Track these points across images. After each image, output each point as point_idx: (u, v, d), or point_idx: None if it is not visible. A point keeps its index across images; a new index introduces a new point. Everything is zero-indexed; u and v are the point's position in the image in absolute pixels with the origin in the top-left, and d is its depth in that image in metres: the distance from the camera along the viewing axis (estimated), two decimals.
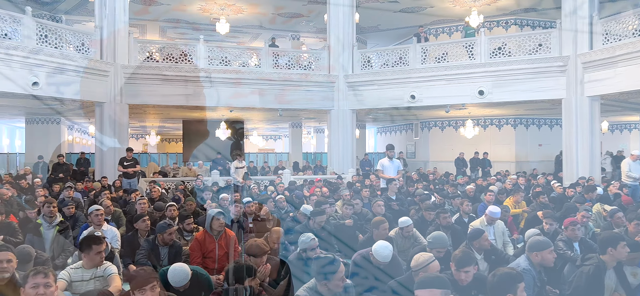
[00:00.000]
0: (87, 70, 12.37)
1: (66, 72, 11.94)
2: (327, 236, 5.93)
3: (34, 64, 11.21)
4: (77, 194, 10.01)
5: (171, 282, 3.88)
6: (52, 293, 3.05)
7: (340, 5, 14.83)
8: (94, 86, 12.69)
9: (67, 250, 5.93)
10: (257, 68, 14.53)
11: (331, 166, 15.37)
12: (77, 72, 12.15)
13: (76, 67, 12.11)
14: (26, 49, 11.03)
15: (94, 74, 12.62)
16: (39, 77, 11.31)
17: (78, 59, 12.18)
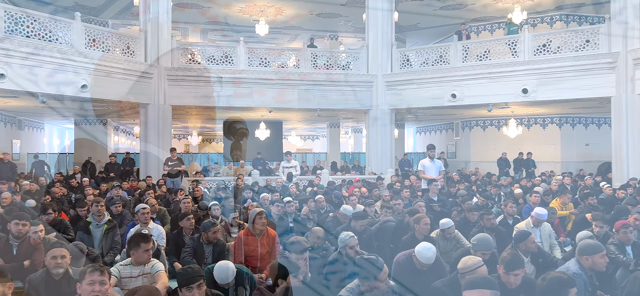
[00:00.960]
0: (132, 72, 12.79)
1: (112, 75, 12.36)
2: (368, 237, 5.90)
3: (82, 67, 11.66)
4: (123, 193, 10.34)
5: (217, 279, 3.95)
6: (106, 290, 3.17)
7: (379, 4, 14.75)
8: (139, 88, 13.09)
9: (115, 247, 6.13)
10: (296, 69, 14.63)
11: (369, 166, 15.30)
12: (122, 75, 12.57)
13: (122, 70, 12.53)
14: (76, 53, 11.48)
15: (139, 77, 13.01)
16: (88, 80, 11.75)
17: (123, 62, 12.59)
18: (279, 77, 14.32)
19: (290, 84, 14.46)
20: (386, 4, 14.82)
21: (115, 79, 12.44)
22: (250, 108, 15.22)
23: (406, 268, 4.54)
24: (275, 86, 14.36)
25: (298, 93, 14.55)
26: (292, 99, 14.58)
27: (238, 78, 14.03)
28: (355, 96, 14.95)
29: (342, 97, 14.85)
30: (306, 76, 14.45)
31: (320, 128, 25.76)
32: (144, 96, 13.26)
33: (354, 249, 4.73)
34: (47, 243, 4.99)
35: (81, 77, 11.63)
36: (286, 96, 14.52)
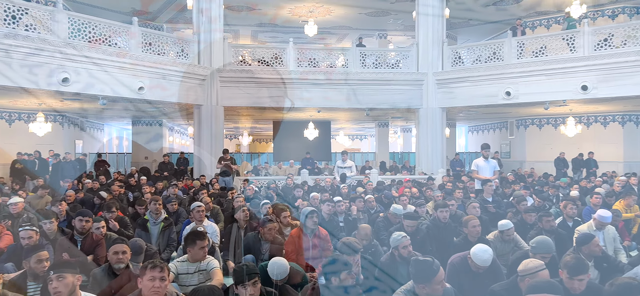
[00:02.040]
0: (186, 74, 13.18)
1: (168, 77, 12.78)
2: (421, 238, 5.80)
3: (139, 70, 12.12)
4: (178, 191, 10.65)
5: (271, 275, 3.99)
6: (165, 286, 3.26)
7: (430, 1, 14.49)
8: (193, 90, 13.48)
9: (171, 244, 6.32)
10: (345, 68, 14.61)
11: (420, 166, 15.07)
12: (177, 77, 12.97)
13: (176, 72, 12.94)
14: (133, 57, 11.96)
15: (193, 79, 13.39)
16: (144, 82, 12.21)
17: (178, 64, 12.99)
18: (327, 77, 14.35)
19: (339, 84, 14.46)
20: (437, 1, 14.54)
21: (170, 81, 12.85)
22: (299, 108, 15.33)
23: (461, 271, 4.42)
24: (324, 86, 14.40)
25: (346, 93, 14.53)
26: (340, 99, 14.59)
27: (287, 78, 14.17)
28: (405, 94, 14.78)
29: (391, 96, 14.71)
30: (355, 76, 14.41)
31: (368, 128, 25.62)
32: (198, 97, 13.64)
33: (407, 249, 4.66)
34: (109, 239, 5.21)
35: (138, 79, 12.10)
36: (335, 95, 14.54)
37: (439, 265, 3.44)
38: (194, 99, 13.61)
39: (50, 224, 5.70)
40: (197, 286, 3.35)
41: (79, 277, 3.27)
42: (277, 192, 10.82)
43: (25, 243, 4.91)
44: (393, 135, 25.84)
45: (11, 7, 10.10)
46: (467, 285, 4.30)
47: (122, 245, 4.21)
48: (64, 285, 3.15)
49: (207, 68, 13.69)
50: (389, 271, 4.66)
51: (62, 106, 14.69)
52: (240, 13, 16.92)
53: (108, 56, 11.46)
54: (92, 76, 11.25)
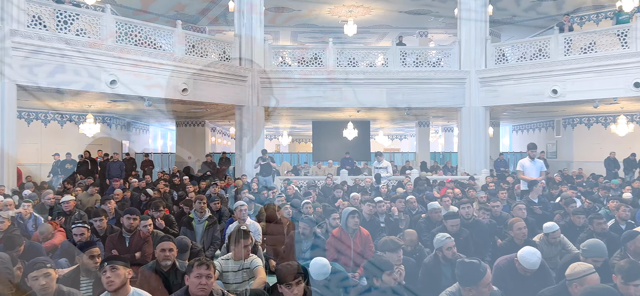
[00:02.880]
0: (228, 76, 13.42)
1: (210, 78, 13.05)
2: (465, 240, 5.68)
3: (183, 71, 12.42)
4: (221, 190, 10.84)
5: (313, 275, 4.00)
6: (211, 283, 3.33)
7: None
8: (234, 91, 13.71)
9: (215, 242, 6.43)
10: (384, 68, 14.51)
11: (462, 166, 14.78)
12: (219, 78, 13.23)
13: (219, 73, 13.20)
14: (177, 59, 12.27)
15: (234, 80, 13.62)
16: (188, 84, 12.51)
17: (220, 66, 13.24)
18: (367, 77, 14.29)
19: (379, 83, 14.37)
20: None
21: (212, 83, 13.12)
22: (339, 108, 15.33)
23: (508, 274, 4.30)
24: (364, 85, 14.35)
25: (386, 92, 14.42)
26: (380, 99, 14.49)
27: (327, 79, 14.21)
28: (447, 93, 14.54)
29: (432, 95, 14.50)
30: (395, 75, 14.29)
31: (408, 127, 25.33)
32: (239, 98, 13.85)
33: (451, 251, 4.58)
34: (156, 236, 5.36)
35: (182, 81, 12.40)
36: (374, 95, 14.46)
37: (486, 267, 3.36)
38: (235, 100, 13.84)
39: (100, 222, 5.93)
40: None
41: (129, 271, 3.39)
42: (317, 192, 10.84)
43: (77, 240, 5.12)
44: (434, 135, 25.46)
45: (63, 13, 10.57)
46: (514, 288, 4.18)
47: (169, 243, 4.31)
48: (116, 276, 3.29)
49: (248, 69, 13.89)
50: (433, 273, 4.59)
51: (110, 107, 15.23)
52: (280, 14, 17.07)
53: (153, 58, 11.81)
54: (138, 78, 11.62)
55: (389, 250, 4.28)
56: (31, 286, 3.31)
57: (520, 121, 22.53)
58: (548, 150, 19.85)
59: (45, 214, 7.67)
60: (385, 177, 12.50)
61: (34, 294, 3.30)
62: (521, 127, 23.44)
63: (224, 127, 25.64)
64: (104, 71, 11.01)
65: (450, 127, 24.85)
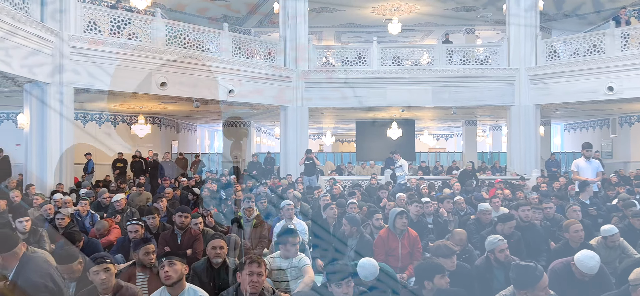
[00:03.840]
0: (272, 77, 13.59)
1: (256, 79, 13.25)
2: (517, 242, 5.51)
3: (229, 73, 12.68)
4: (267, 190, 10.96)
5: (361, 276, 3.99)
6: (263, 281, 3.39)
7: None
8: (279, 92, 13.86)
9: (263, 241, 6.51)
10: (430, 66, 14.30)
11: (511, 166, 14.36)
12: (264, 79, 13.41)
13: (264, 74, 13.38)
14: (224, 61, 12.53)
15: (279, 81, 13.78)
16: (234, 85, 12.76)
17: (265, 67, 13.42)
18: (412, 76, 14.13)
19: (424, 82, 14.17)
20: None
21: (258, 84, 13.32)
22: (383, 108, 15.22)
23: (564, 278, 4.15)
24: (408, 84, 14.19)
25: (432, 91, 14.21)
26: (425, 97, 14.29)
27: (371, 78, 14.14)
28: (495, 91, 14.16)
29: (479, 93, 14.16)
30: (441, 73, 14.06)
31: (455, 127, 24.85)
32: (284, 99, 14.00)
33: (503, 253, 4.45)
34: (206, 234, 5.48)
35: (229, 82, 12.65)
36: (419, 94, 14.27)
37: (542, 270, 3.25)
38: (280, 101, 14.00)
39: (153, 220, 6.12)
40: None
41: (186, 267, 3.49)
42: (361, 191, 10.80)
43: (132, 237, 5.31)
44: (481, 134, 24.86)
45: (116, 18, 11.00)
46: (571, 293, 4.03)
47: (220, 241, 4.40)
48: (174, 271, 3.41)
49: (293, 70, 14.01)
50: (484, 275, 4.48)
51: (161, 108, 15.71)
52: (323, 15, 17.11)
53: (201, 60, 12.10)
54: (186, 80, 11.93)
55: (443, 255, 4.19)
56: (92, 280, 3.45)
57: (573, 120, 21.67)
58: (603, 150, 19.00)
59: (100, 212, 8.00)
60: (401, 176, 12.31)
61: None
62: (574, 126, 22.54)
63: (269, 128, 25.97)
64: (155, 73, 11.38)
65: (499, 126, 24.20)
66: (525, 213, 5.99)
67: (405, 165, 12.63)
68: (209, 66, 12.29)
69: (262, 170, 16.57)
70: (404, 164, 12.53)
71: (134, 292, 3.50)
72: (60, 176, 10.16)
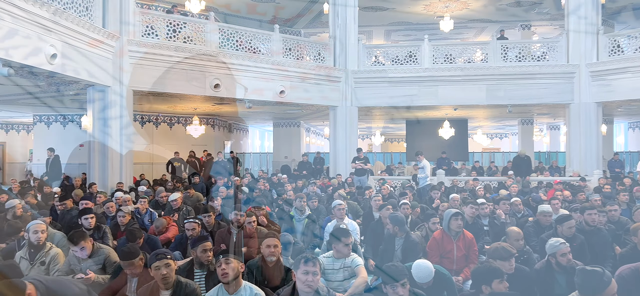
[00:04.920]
0: (322, 77, 13.65)
1: (306, 80, 13.35)
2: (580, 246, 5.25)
3: (280, 74, 12.83)
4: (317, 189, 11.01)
5: (416, 278, 3.93)
6: (317, 281, 3.39)
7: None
8: (328, 92, 13.90)
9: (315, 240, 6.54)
10: (484, 63, 13.92)
11: (571, 166, 13.75)
12: (314, 79, 13.49)
13: (314, 75, 13.47)
14: (275, 62, 12.70)
15: (328, 81, 13.82)
16: (285, 85, 12.90)
17: (315, 67, 13.50)
18: (464, 73, 13.81)
19: (478, 80, 13.82)
20: None
21: (308, 84, 13.42)
22: (434, 107, 14.96)
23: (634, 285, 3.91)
24: (461, 82, 13.88)
25: (486, 89, 13.83)
26: (479, 96, 13.94)
27: (422, 76, 13.93)
28: (553, 89, 13.62)
29: (536, 91, 13.66)
30: (495, 70, 13.66)
31: (510, 125, 24.07)
32: (333, 99, 14.02)
33: (566, 257, 4.26)
34: (260, 233, 5.56)
35: (279, 83, 12.82)
36: (473, 92, 13.93)
37: (610, 276, 3.08)
38: (329, 101, 14.03)
39: (208, 218, 6.27)
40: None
41: (242, 265, 3.56)
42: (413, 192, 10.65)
43: (189, 234, 5.47)
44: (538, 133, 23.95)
45: (172, 22, 11.37)
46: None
47: (274, 239, 4.45)
48: (231, 269, 3.51)
49: (342, 70, 14.01)
50: (545, 280, 4.30)
51: (214, 109, 16.11)
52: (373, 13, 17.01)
53: (253, 62, 12.34)
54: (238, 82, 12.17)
55: (500, 258, 4.06)
56: (153, 276, 3.58)
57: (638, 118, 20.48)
58: None
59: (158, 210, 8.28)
60: (422, 178, 11.99)
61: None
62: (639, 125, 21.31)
63: (318, 128, 26.10)
64: (209, 75, 11.69)
65: (557, 125, 23.25)
66: (592, 217, 5.69)
67: (428, 166, 12.36)
68: (260, 67, 12.51)
69: (312, 170, 16.67)
70: (426, 165, 12.25)
71: (192, 288, 3.59)
72: (120, 175, 10.61)
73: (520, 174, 13.11)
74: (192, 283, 3.67)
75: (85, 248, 4.66)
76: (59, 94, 12.07)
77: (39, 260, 4.85)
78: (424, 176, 12.07)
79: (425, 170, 12.12)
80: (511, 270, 4.05)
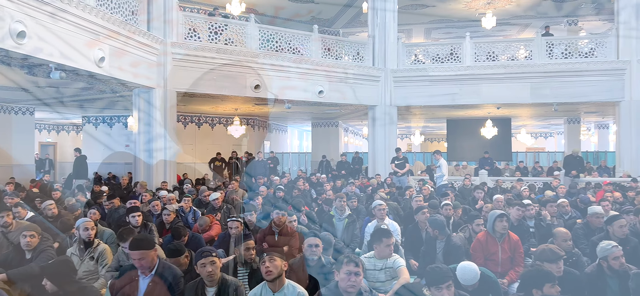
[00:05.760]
0: (361, 76, 13.61)
1: (345, 80, 13.34)
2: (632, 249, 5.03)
3: (319, 74, 12.87)
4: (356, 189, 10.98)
5: (461, 280, 3.86)
6: (360, 281, 3.38)
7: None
8: (367, 91, 13.84)
9: (354, 240, 6.53)
10: (528, 61, 13.53)
11: (621, 167, 13.19)
12: (353, 79, 13.46)
13: (352, 74, 13.44)
14: (314, 62, 12.75)
15: (367, 80, 13.76)
16: (324, 86, 12.94)
17: (354, 67, 13.47)
18: (508, 71, 13.47)
19: (522, 78, 13.45)
20: None
21: (347, 84, 13.41)
22: (476, 105, 14.66)
23: None
24: (504, 80, 13.55)
25: (531, 87, 13.44)
26: (523, 94, 13.57)
27: (463, 75, 13.68)
28: (601, 86, 13.10)
29: (583, 88, 13.17)
30: (540, 68, 13.26)
31: (555, 124, 23.30)
32: (372, 98, 13.96)
33: (618, 261, 4.09)
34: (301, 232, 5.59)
35: (318, 83, 12.86)
36: (517, 90, 13.57)
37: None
38: (368, 100, 13.97)
39: (250, 216, 6.36)
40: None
41: (285, 263, 3.59)
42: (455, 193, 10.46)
43: (232, 233, 5.55)
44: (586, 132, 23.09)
45: (214, 25, 11.59)
46: None
47: (316, 239, 4.47)
48: (274, 267, 3.55)
49: (381, 69, 13.93)
50: (597, 284, 4.14)
51: (254, 110, 16.32)
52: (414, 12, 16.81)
53: (292, 63, 12.44)
54: (278, 82, 12.30)
55: (548, 260, 3.94)
56: (199, 272, 3.65)
57: None
58: None
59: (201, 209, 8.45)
60: (439, 176, 11.67)
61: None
62: None
63: (356, 127, 26.03)
64: (249, 76, 11.85)
65: (605, 123, 22.37)
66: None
67: (444, 166, 12.06)
68: (299, 68, 12.59)
69: (350, 170, 16.63)
70: (443, 165, 11.96)
71: (237, 286, 3.65)
72: (164, 174, 10.90)
73: (573, 172, 12.76)
74: (236, 281, 3.73)
75: None
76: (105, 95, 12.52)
77: (88, 256, 5.04)
78: (441, 175, 11.87)
79: (441, 169, 11.91)
80: (560, 273, 3.92)
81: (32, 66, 8.33)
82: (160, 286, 3.72)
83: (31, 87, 11.23)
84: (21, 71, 9.03)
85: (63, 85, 10.78)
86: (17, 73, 9.33)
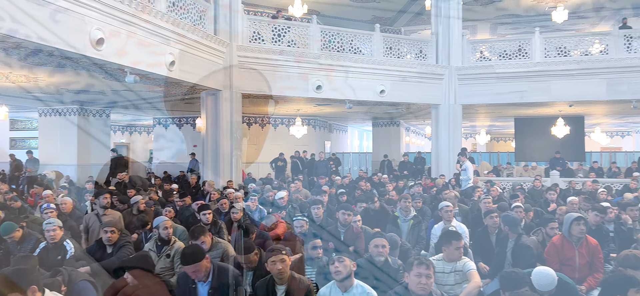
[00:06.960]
0: (424, 75, 13.38)
1: (407, 78, 13.17)
2: None
3: (380, 73, 12.79)
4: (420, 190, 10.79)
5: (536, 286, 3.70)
6: (431, 283, 3.33)
7: None
8: (430, 90, 13.58)
9: (420, 242, 6.42)
10: (603, 55, 12.77)
11: None
12: (416, 78, 13.26)
13: (415, 73, 13.25)
14: (375, 62, 12.69)
15: (430, 79, 13.51)
16: (385, 85, 12.83)
17: (416, 65, 13.26)
18: (581, 67, 12.78)
19: (596, 73, 12.72)
20: None
21: (409, 83, 13.22)
22: (546, 103, 14.01)
23: None
24: (577, 76, 12.86)
25: (606, 83, 12.68)
26: (598, 91, 12.81)
27: (532, 71, 13.11)
28: None
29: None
30: (617, 63, 12.49)
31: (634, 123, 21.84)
32: (435, 97, 13.69)
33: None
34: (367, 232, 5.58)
35: (380, 83, 12.77)
36: (591, 87, 12.83)
37: None
38: (431, 99, 13.72)
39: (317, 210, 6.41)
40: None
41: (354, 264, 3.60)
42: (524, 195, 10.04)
43: (298, 231, 5.62)
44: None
45: (277, 27, 11.81)
46: None
47: (382, 239, 4.45)
48: (344, 267, 3.58)
49: (445, 67, 13.63)
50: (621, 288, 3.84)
51: (316, 110, 16.46)
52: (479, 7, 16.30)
53: (353, 62, 12.44)
54: (340, 82, 12.34)
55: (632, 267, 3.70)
56: (270, 270, 3.73)
57: None
58: None
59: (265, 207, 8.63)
60: (465, 179, 11.05)
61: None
62: None
63: (418, 127, 25.60)
64: (311, 77, 11.97)
65: None
66: None
67: (470, 168, 11.49)
68: (361, 68, 12.56)
69: (413, 170, 16.39)
70: (469, 167, 11.40)
71: (306, 284, 3.70)
72: (230, 173, 11.22)
73: None
74: (305, 279, 3.78)
75: (205, 242, 4.98)
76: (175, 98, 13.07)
77: (164, 253, 5.27)
78: (466, 178, 11.38)
79: (467, 172, 11.41)
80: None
81: (108, 70, 8.85)
82: (220, 291, 3.84)
83: (108, 90, 11.91)
84: (99, 76, 9.61)
85: (137, 88, 11.35)
86: (95, 77, 9.93)
